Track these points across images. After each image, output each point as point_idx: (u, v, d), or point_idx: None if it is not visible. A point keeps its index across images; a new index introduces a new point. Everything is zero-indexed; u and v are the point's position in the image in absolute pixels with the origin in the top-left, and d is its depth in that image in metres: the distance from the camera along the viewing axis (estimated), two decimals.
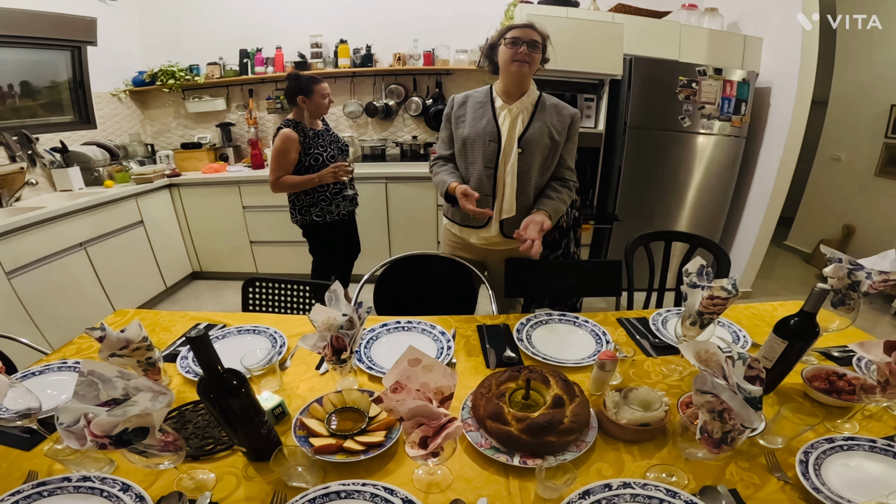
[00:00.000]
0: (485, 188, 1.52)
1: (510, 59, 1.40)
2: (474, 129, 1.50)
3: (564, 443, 0.80)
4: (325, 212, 2.29)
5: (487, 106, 1.51)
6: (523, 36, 1.38)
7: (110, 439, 0.62)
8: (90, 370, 0.67)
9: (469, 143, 1.52)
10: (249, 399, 0.75)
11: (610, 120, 2.92)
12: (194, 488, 0.76)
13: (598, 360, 0.96)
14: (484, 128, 1.49)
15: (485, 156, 1.50)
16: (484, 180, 1.52)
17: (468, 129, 1.52)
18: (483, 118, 1.50)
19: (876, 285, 1.06)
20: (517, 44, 1.38)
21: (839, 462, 0.77)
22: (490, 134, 1.48)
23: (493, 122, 1.49)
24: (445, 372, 0.63)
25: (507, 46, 1.40)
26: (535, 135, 1.48)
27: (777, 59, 2.75)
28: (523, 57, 1.38)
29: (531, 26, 1.40)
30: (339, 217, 2.34)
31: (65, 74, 2.99)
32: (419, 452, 0.59)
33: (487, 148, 1.49)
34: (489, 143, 1.49)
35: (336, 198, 2.29)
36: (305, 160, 2.15)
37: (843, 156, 3.66)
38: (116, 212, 2.72)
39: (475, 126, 1.50)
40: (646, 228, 1.91)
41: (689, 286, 1.07)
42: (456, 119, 1.56)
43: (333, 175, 2.15)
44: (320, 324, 0.89)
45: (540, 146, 1.49)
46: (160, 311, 1.44)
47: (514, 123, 1.48)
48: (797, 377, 1.02)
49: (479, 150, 1.50)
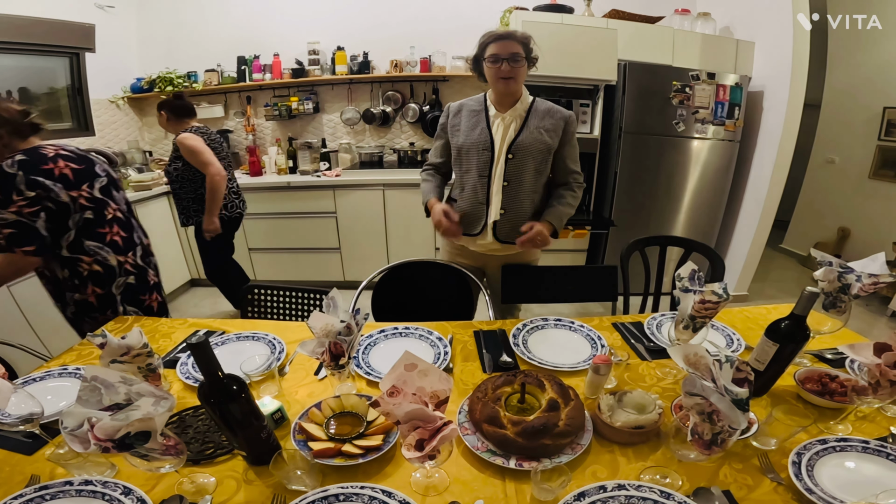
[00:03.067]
0: (479, 196, 1.56)
1: (495, 77, 1.42)
2: (468, 138, 1.53)
3: (559, 445, 0.81)
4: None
5: (482, 115, 1.53)
6: (502, 52, 1.38)
7: (113, 443, 0.63)
8: (93, 376, 0.68)
9: (464, 152, 1.54)
10: (249, 404, 0.77)
11: (605, 125, 2.95)
12: (195, 492, 0.77)
13: (592, 364, 0.97)
14: (478, 137, 1.51)
15: (479, 164, 1.52)
16: (478, 188, 1.55)
17: (463, 137, 1.54)
18: (477, 127, 1.52)
19: (866, 288, 1.08)
20: (497, 61, 1.38)
21: (832, 463, 0.78)
22: (483, 143, 1.50)
23: (487, 130, 1.51)
24: (441, 376, 0.64)
25: (488, 64, 1.41)
26: (526, 140, 1.49)
27: (769, 62, 2.79)
28: (506, 74, 1.39)
29: (509, 36, 1.39)
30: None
31: (63, 81, 3.01)
32: (415, 455, 0.60)
33: (481, 157, 1.51)
34: (482, 152, 1.51)
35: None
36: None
37: (837, 158, 3.70)
38: None
39: (469, 135, 1.53)
40: (642, 233, 1.93)
41: (681, 291, 1.08)
42: (451, 128, 1.59)
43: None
44: (318, 330, 0.90)
45: (532, 151, 1.50)
46: (159, 318, 1.45)
47: (507, 131, 1.49)
48: (790, 379, 1.03)
49: (473, 159, 1.53)
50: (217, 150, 2.37)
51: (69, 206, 1.32)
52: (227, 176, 2.37)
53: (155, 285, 1.61)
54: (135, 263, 1.51)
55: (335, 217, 3.19)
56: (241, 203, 2.61)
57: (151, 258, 1.63)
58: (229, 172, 2.45)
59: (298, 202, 3.16)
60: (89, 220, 1.38)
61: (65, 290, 1.42)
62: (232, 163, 2.58)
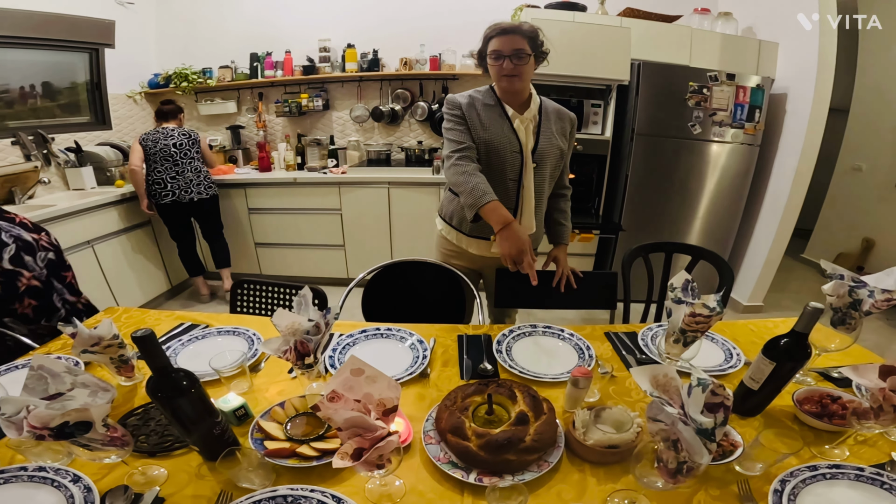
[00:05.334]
0: (509, 201, 1.42)
1: (497, 75, 1.32)
2: (496, 136, 1.36)
3: (525, 462, 0.76)
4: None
5: (500, 112, 1.39)
6: (504, 48, 1.27)
7: (50, 431, 0.62)
8: (40, 364, 0.67)
9: (494, 151, 1.37)
10: (201, 399, 0.75)
11: (617, 127, 2.86)
12: (144, 483, 0.76)
13: (571, 377, 0.92)
14: (507, 136, 1.36)
15: (511, 167, 1.38)
16: (510, 193, 1.41)
17: (489, 133, 1.36)
18: (502, 125, 1.37)
19: (879, 304, 0.99)
20: (500, 58, 1.28)
21: (818, 492, 0.71)
22: (513, 144, 1.37)
23: (513, 132, 1.37)
24: (389, 384, 0.61)
25: (490, 60, 1.31)
26: (545, 146, 1.41)
27: (793, 64, 2.66)
28: (509, 72, 1.28)
29: (514, 31, 1.28)
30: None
31: (83, 76, 3.10)
32: (346, 464, 0.56)
33: (512, 159, 1.38)
34: (513, 154, 1.37)
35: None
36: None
37: (864, 166, 3.50)
38: (125, 211, 2.80)
39: (496, 132, 1.36)
40: (653, 239, 1.84)
41: (673, 302, 1.02)
42: (471, 121, 1.38)
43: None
44: (284, 328, 0.87)
45: (551, 158, 1.43)
46: (146, 310, 1.45)
47: (528, 135, 1.39)
48: (788, 399, 0.96)
49: (505, 160, 1.37)
50: (150, 148, 2.75)
51: None
52: (134, 169, 2.73)
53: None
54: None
55: (340, 214, 3.19)
56: (165, 193, 2.79)
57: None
58: (161, 166, 2.77)
59: (304, 198, 3.17)
60: None
61: None
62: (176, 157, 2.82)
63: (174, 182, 2.78)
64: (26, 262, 1.36)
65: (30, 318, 1.34)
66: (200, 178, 2.87)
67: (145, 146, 2.73)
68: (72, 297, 1.47)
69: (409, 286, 1.71)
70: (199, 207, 2.92)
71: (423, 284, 1.71)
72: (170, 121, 2.84)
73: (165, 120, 2.83)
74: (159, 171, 2.75)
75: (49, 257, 1.43)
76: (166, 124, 2.81)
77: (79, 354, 0.99)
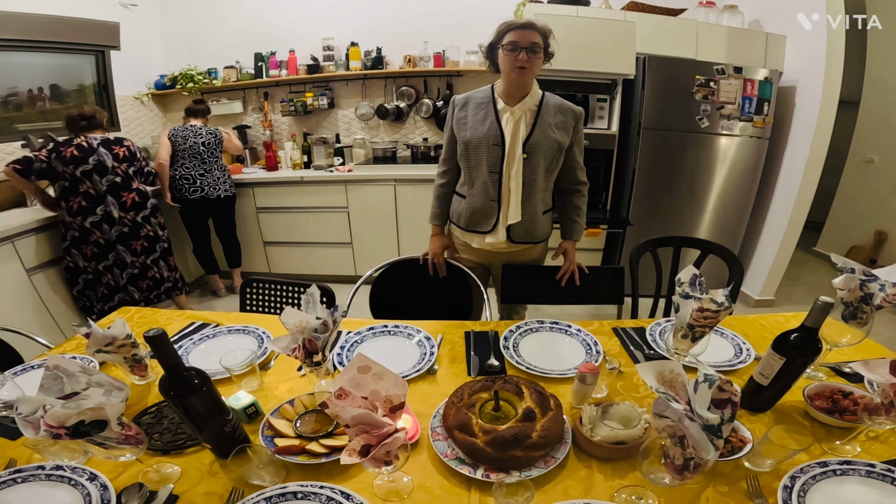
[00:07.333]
0: (490, 193, 1.49)
1: (510, 66, 1.35)
2: (476, 132, 1.46)
3: (531, 458, 0.76)
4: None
5: (489, 107, 1.46)
6: (521, 40, 1.32)
7: (66, 430, 0.63)
8: (55, 365, 0.69)
9: (472, 148, 1.47)
10: (212, 397, 0.76)
11: (623, 121, 2.84)
12: (158, 480, 0.78)
13: (578, 373, 0.92)
14: (487, 131, 1.44)
15: (489, 161, 1.46)
16: (489, 186, 1.48)
17: (470, 132, 1.47)
18: (486, 121, 1.45)
19: (890, 298, 0.98)
20: (515, 49, 1.32)
21: (829, 488, 0.71)
22: (493, 138, 1.43)
23: (497, 125, 1.44)
24: (396, 381, 0.61)
25: (505, 52, 1.35)
26: (539, 139, 1.43)
27: (802, 57, 2.61)
28: (523, 63, 1.33)
29: (530, 26, 1.33)
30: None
31: (90, 78, 3.13)
32: (354, 460, 0.57)
33: (491, 153, 1.44)
34: (493, 148, 1.44)
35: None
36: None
37: (877, 158, 3.44)
38: None
39: (477, 129, 1.46)
40: (662, 233, 1.83)
41: (681, 297, 1.01)
42: (458, 122, 1.52)
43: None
44: (292, 327, 0.88)
45: (545, 150, 1.44)
46: (158, 310, 1.48)
47: (518, 127, 1.42)
48: (799, 394, 0.95)
49: (482, 155, 1.46)
50: (179, 144, 2.81)
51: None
52: (163, 163, 2.78)
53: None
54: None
55: (347, 212, 3.20)
56: (194, 189, 2.86)
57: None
58: (189, 162, 2.84)
59: (311, 197, 3.19)
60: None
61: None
62: (204, 154, 2.89)
63: (203, 179, 2.86)
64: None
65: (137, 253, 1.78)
66: (226, 176, 2.98)
67: (174, 141, 2.78)
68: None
69: (416, 283, 1.71)
70: (221, 205, 3.00)
71: (430, 281, 1.71)
72: (198, 118, 2.91)
73: (195, 117, 2.89)
74: (187, 167, 2.82)
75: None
76: (195, 121, 2.87)
77: (93, 354, 1.01)
